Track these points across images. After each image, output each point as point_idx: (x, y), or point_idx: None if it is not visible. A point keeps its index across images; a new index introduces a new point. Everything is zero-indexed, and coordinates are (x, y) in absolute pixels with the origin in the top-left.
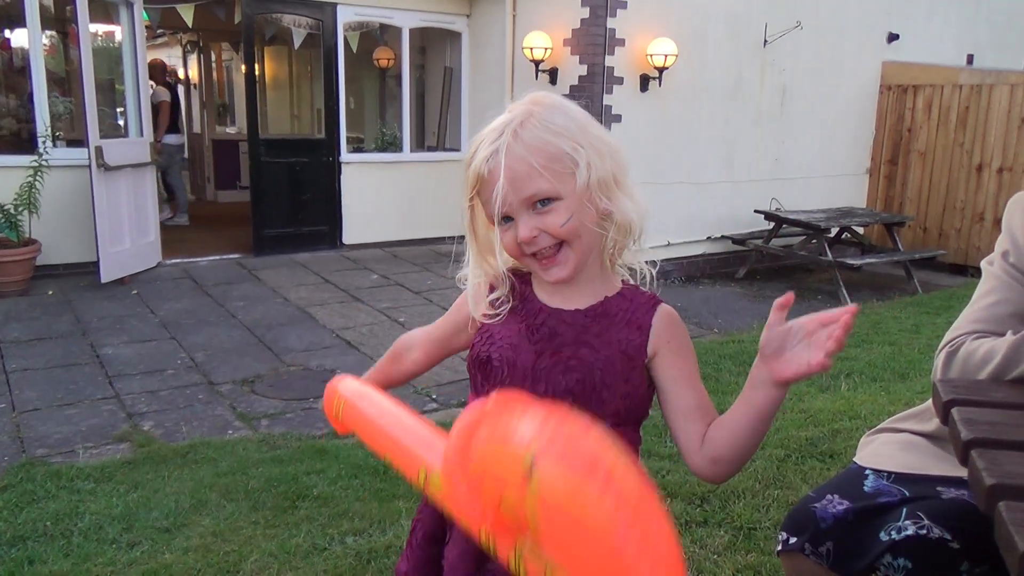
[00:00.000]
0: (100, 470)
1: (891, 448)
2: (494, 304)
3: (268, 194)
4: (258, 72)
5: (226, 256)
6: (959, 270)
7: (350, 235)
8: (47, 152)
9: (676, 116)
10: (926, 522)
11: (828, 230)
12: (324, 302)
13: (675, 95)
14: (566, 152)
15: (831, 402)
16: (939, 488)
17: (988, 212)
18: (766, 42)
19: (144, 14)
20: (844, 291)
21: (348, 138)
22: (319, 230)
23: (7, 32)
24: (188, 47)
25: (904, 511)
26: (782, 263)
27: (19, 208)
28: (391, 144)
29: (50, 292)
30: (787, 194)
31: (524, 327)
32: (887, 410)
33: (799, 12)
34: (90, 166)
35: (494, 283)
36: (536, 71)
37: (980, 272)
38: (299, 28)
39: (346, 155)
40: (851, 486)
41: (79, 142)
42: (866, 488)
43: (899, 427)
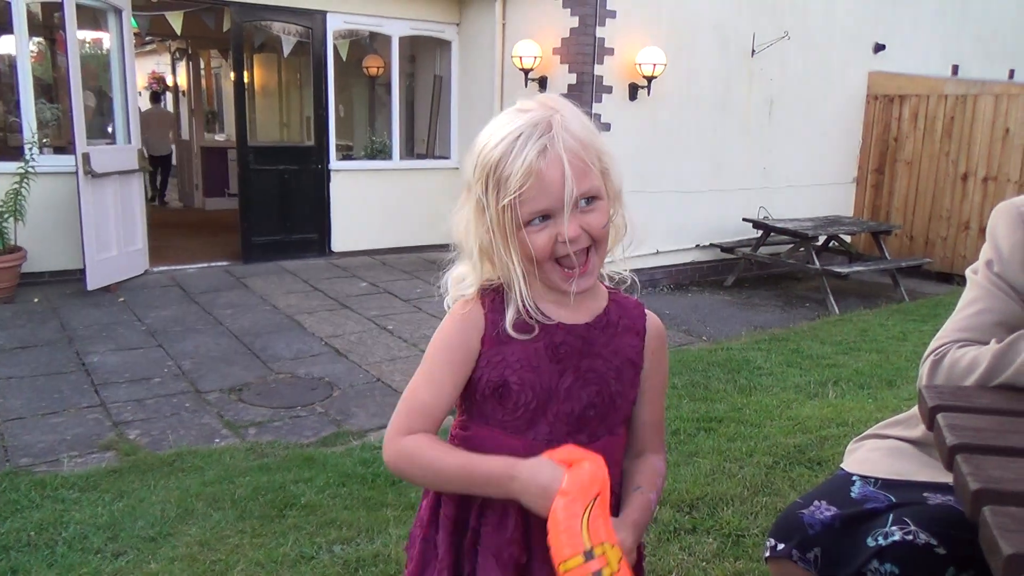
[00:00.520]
0: (85, 479)
1: (878, 454)
2: (517, 326)
3: (257, 201)
4: (247, 80)
5: (214, 263)
6: (945, 278)
7: (339, 243)
8: (33, 159)
9: (665, 125)
10: (912, 528)
11: (816, 238)
12: (313, 310)
13: (664, 104)
14: (604, 151)
15: (819, 409)
16: (925, 494)
17: (973, 221)
18: (754, 52)
19: (132, 21)
20: (832, 299)
21: (337, 146)
22: (308, 237)
23: None
24: (177, 54)
25: (891, 517)
26: (770, 271)
27: (5, 215)
28: (380, 152)
29: (35, 300)
30: (775, 202)
31: (543, 346)
32: (875, 417)
33: (786, 22)
34: (77, 173)
35: (494, 298)
36: (525, 79)
37: (966, 280)
38: (288, 36)
39: (335, 163)
40: (838, 492)
41: (66, 149)
42: (853, 494)
43: (886, 433)
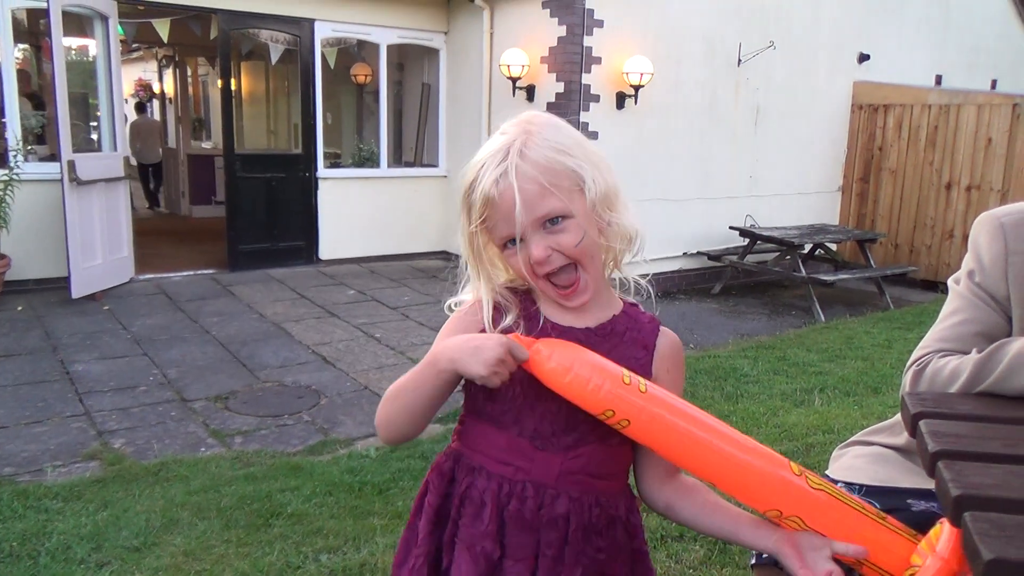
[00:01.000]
0: (69, 489)
1: (862, 461)
2: (505, 332)
3: (244, 209)
4: (234, 87)
5: (200, 271)
6: (930, 286)
7: (327, 250)
8: (18, 166)
9: (652, 133)
10: None
11: (802, 246)
12: (300, 318)
13: (651, 113)
14: (572, 169)
15: (805, 416)
16: (909, 500)
17: (957, 229)
18: (740, 61)
19: (119, 28)
20: (817, 307)
21: (325, 153)
22: (295, 245)
23: None
24: (164, 62)
25: None
26: (757, 279)
27: None
28: (368, 160)
29: (19, 308)
30: (761, 211)
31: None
32: (860, 424)
33: (772, 32)
34: (62, 180)
35: (500, 303)
36: (513, 88)
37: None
38: (276, 44)
39: (323, 170)
40: None
41: (51, 156)
42: None
43: (870, 440)
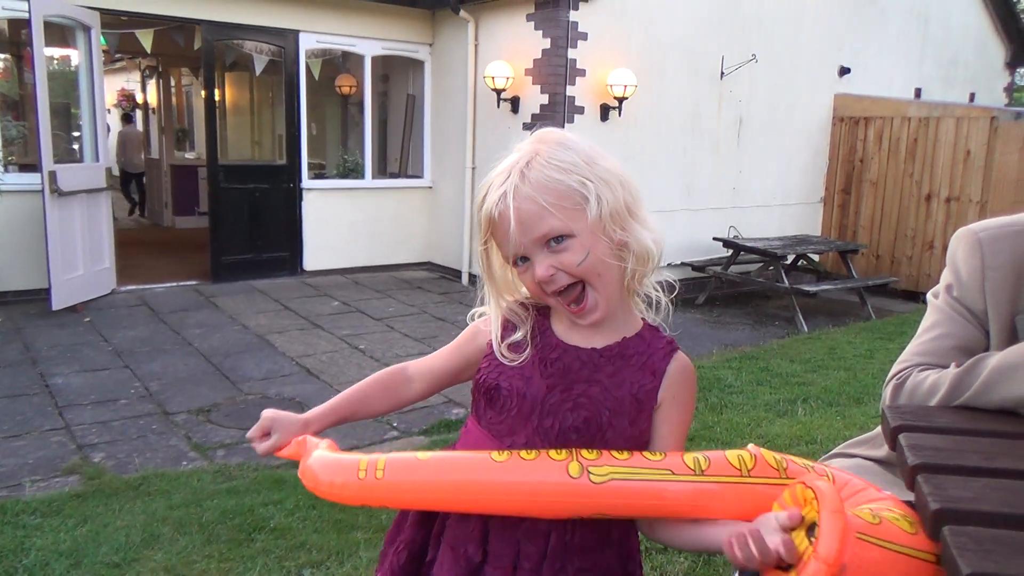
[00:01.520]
0: (47, 504)
1: (844, 474)
2: (514, 347)
3: (227, 220)
4: (218, 98)
5: (183, 283)
6: (911, 296)
7: (311, 261)
8: None
9: (636, 145)
10: None
11: (784, 257)
12: (284, 329)
13: (635, 124)
14: (574, 188)
15: (788, 427)
16: None
17: (937, 240)
18: (723, 74)
19: (102, 39)
20: (800, 317)
21: (309, 164)
22: (279, 256)
23: None
24: (147, 72)
25: None
26: (740, 289)
27: None
28: (353, 171)
29: None
30: (745, 222)
31: (537, 359)
32: (843, 434)
33: (754, 45)
34: (43, 191)
35: (512, 319)
36: (498, 100)
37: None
38: (260, 54)
39: (307, 181)
40: None
41: (32, 167)
42: None
43: (851, 452)
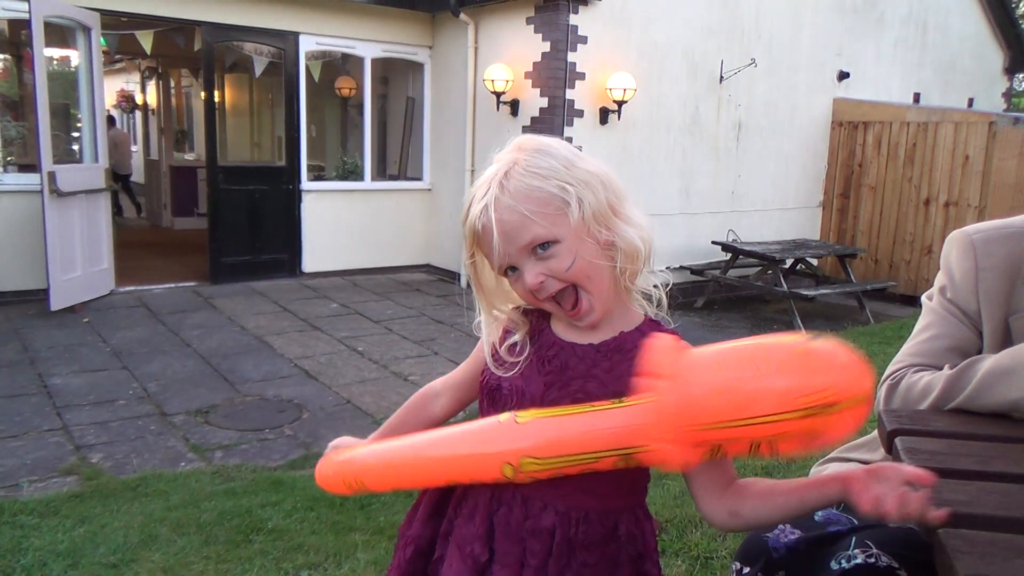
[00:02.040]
0: (45, 504)
1: None
2: (512, 350)
3: (226, 221)
4: (218, 99)
5: (182, 284)
6: (909, 301)
7: (310, 263)
8: None
9: (635, 148)
10: (874, 550)
11: (783, 261)
12: (282, 331)
13: (634, 128)
14: (554, 193)
15: None
16: None
17: (936, 245)
18: (722, 78)
19: (102, 40)
20: (799, 321)
21: (309, 166)
22: (278, 258)
23: None
24: (147, 73)
25: (853, 540)
26: (739, 293)
27: None
28: (352, 172)
29: None
30: (743, 226)
31: (536, 358)
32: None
33: (754, 50)
34: (42, 192)
35: (510, 326)
36: (497, 103)
37: None
38: (260, 56)
39: (307, 183)
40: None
41: (32, 167)
42: (816, 517)
43: (848, 457)
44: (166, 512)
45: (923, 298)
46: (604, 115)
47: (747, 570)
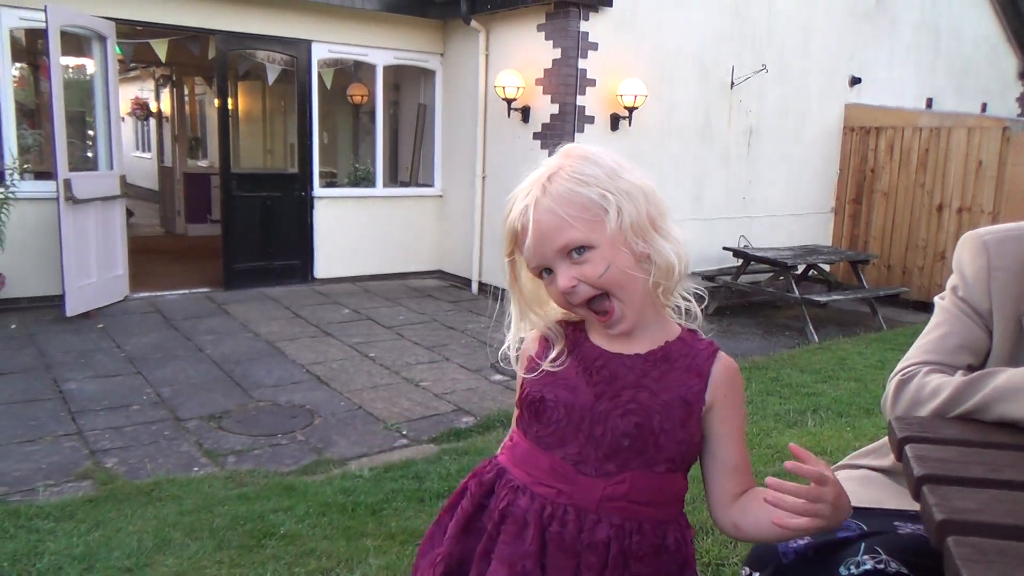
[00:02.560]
0: (61, 509)
1: (850, 484)
2: (553, 364)
3: (239, 228)
4: (231, 107)
5: (195, 290)
6: (922, 307)
7: (322, 269)
8: (14, 185)
9: (646, 155)
10: (883, 556)
11: (795, 267)
12: (294, 337)
13: (645, 134)
14: (594, 200)
15: (798, 438)
16: (896, 523)
17: (949, 251)
18: (733, 84)
19: (117, 48)
20: (811, 327)
21: (321, 173)
22: (290, 264)
23: None
24: (161, 81)
25: (862, 546)
26: (750, 299)
27: None
28: (364, 179)
29: (13, 326)
30: (755, 231)
31: (582, 369)
32: (853, 445)
33: (765, 56)
34: (58, 199)
35: (547, 335)
36: (508, 109)
37: None
38: (273, 64)
39: (319, 189)
40: None
41: (48, 174)
42: None
43: (858, 463)
44: (179, 517)
45: (936, 299)
46: (615, 121)
47: (756, 575)
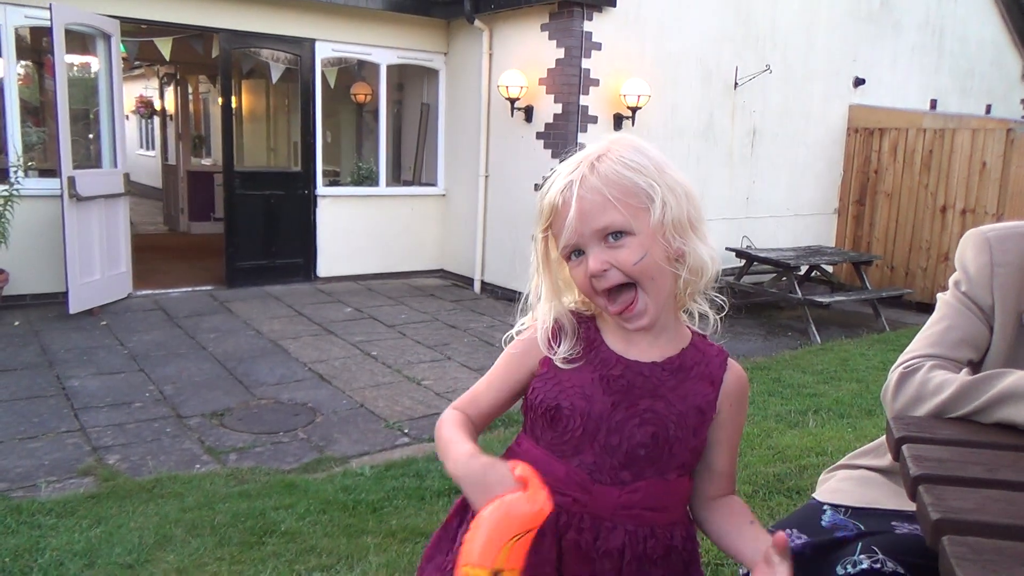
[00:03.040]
0: (62, 505)
1: (848, 484)
2: (569, 358)
3: (242, 226)
4: (235, 105)
5: (198, 288)
6: (925, 308)
7: (324, 268)
8: (19, 182)
9: None
10: (880, 556)
11: (798, 268)
12: (297, 335)
13: (648, 134)
14: (642, 187)
15: (799, 438)
16: (893, 523)
17: (952, 252)
18: (737, 84)
19: (121, 46)
20: (813, 328)
21: (324, 171)
22: (293, 262)
23: None
24: (165, 79)
25: (859, 545)
26: (753, 300)
27: None
28: (367, 178)
29: (16, 323)
30: (758, 232)
31: (598, 376)
32: (854, 446)
33: (769, 56)
34: (62, 196)
35: (559, 324)
36: (512, 109)
37: None
38: (277, 63)
39: (322, 188)
40: (809, 521)
41: (52, 172)
42: (823, 523)
43: (856, 464)
44: (181, 513)
45: (939, 295)
46: (618, 121)
47: None
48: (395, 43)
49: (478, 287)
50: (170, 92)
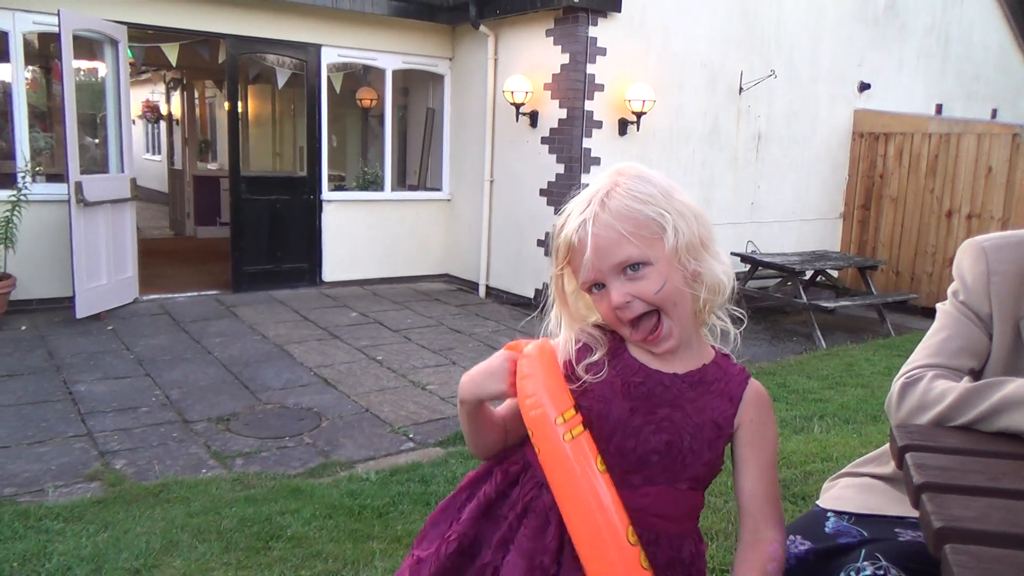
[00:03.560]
0: (70, 510)
1: (851, 491)
2: (589, 368)
3: (248, 230)
4: (241, 110)
5: (204, 292)
6: (930, 313)
7: (330, 273)
8: (26, 187)
9: (654, 159)
10: (883, 563)
11: (803, 273)
12: (302, 339)
13: (653, 139)
14: (652, 218)
15: (804, 444)
16: (896, 530)
17: None
18: (742, 89)
19: (128, 52)
20: (818, 333)
21: (329, 176)
22: (299, 267)
23: None
24: (172, 84)
25: (863, 552)
26: (758, 305)
27: None
28: (372, 183)
29: (23, 327)
30: (763, 237)
31: (619, 381)
32: (859, 452)
33: (774, 61)
34: (69, 201)
35: (590, 343)
36: (516, 114)
37: None
38: (283, 68)
39: (327, 193)
40: (812, 527)
41: (59, 177)
42: (827, 529)
43: (859, 471)
44: (187, 518)
45: (938, 305)
46: (623, 126)
47: None
48: (400, 48)
49: (483, 292)
50: (176, 97)
